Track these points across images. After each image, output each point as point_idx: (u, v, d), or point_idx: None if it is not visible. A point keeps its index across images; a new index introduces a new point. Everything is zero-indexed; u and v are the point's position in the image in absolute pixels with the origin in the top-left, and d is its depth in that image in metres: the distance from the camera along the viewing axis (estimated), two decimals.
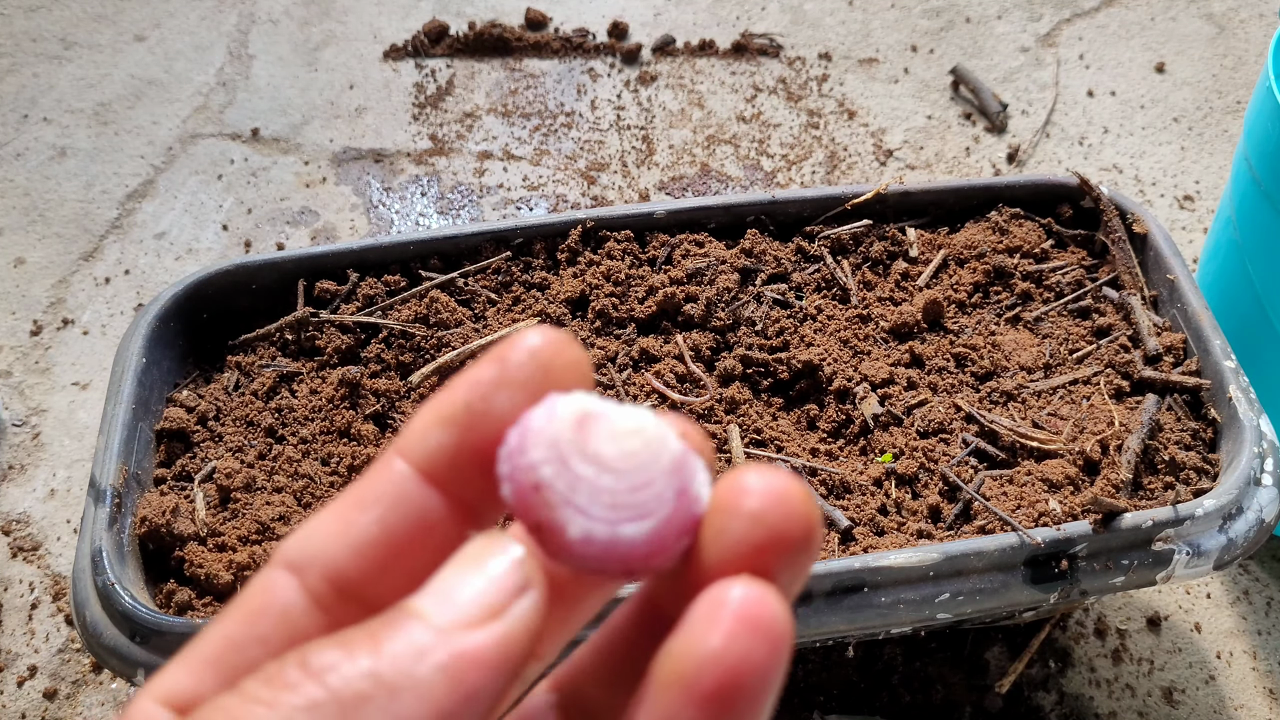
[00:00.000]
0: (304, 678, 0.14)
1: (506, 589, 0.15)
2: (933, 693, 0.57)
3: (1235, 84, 0.98)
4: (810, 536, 0.15)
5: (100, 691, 0.60)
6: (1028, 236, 0.61)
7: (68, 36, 1.09)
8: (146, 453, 0.51)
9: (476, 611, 0.15)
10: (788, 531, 0.15)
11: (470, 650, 0.14)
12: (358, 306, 0.59)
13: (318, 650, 0.14)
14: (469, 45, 1.07)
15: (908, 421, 0.53)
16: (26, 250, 0.87)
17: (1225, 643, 0.60)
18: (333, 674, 0.14)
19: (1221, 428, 0.51)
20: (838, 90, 1.01)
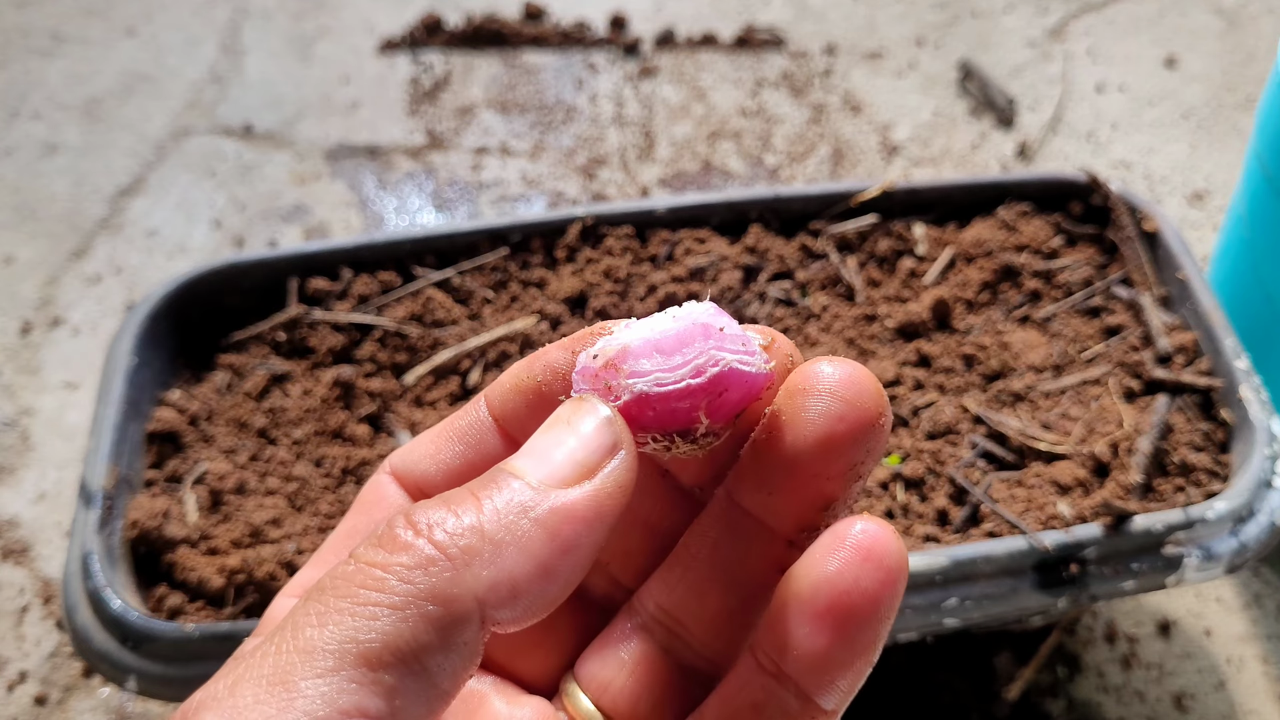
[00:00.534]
0: (413, 535, 0.14)
1: (598, 448, 0.16)
2: (940, 699, 0.56)
3: (1246, 79, 0.97)
4: (880, 414, 0.17)
5: (91, 697, 0.59)
6: (1037, 234, 0.60)
7: (58, 31, 1.07)
8: (137, 454, 0.50)
9: (571, 470, 0.16)
10: (861, 409, 0.17)
11: (567, 506, 0.16)
12: (351, 305, 0.57)
13: (424, 508, 0.15)
14: (465, 38, 1.05)
15: (915, 423, 0.52)
16: (16, 248, 0.86)
17: (1236, 648, 0.59)
18: (439, 529, 0.14)
19: (1233, 429, 0.50)
20: (842, 84, 0.99)
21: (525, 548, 0.15)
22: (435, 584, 0.14)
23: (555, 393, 0.19)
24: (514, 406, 0.19)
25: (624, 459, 0.17)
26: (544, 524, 0.15)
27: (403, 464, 0.20)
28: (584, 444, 0.16)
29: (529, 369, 0.19)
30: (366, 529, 0.20)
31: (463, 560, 0.15)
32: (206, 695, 0.14)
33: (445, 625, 0.14)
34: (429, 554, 0.15)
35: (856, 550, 0.16)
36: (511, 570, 0.15)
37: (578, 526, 0.16)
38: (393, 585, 0.14)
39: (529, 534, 0.15)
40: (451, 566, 0.14)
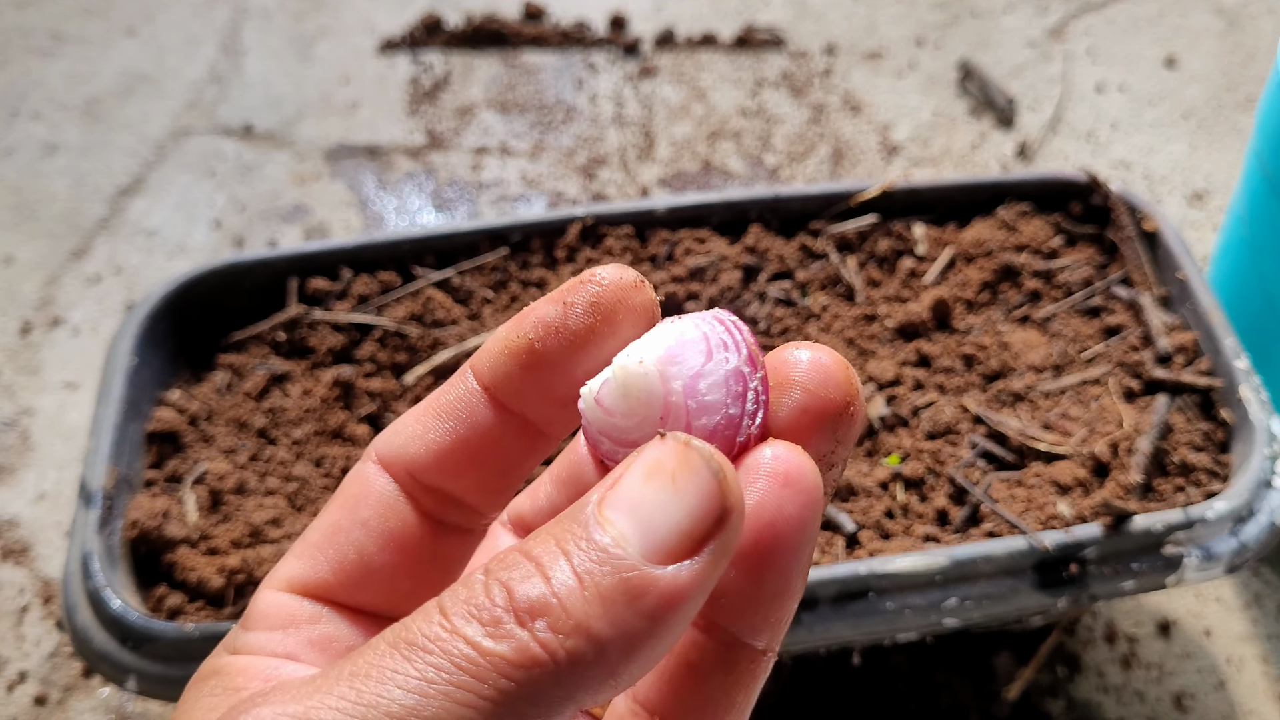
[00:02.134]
0: (516, 625, 0.14)
1: (708, 517, 0.15)
2: (940, 700, 0.56)
3: (1246, 79, 0.97)
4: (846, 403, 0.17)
5: (91, 697, 0.59)
6: (1037, 234, 0.60)
7: (58, 31, 1.07)
8: (137, 454, 0.50)
9: (678, 545, 0.15)
10: (826, 399, 0.17)
11: (673, 591, 0.14)
12: (351, 305, 0.57)
13: (518, 578, 0.14)
14: (465, 38, 1.05)
15: (915, 423, 0.52)
16: (16, 248, 0.86)
17: (1236, 648, 0.59)
18: (541, 623, 0.14)
19: (1233, 429, 0.50)
20: (843, 84, 0.99)
21: (629, 643, 0.14)
22: (535, 688, 0.14)
23: (550, 350, 0.18)
24: (506, 371, 0.18)
25: (735, 524, 0.15)
26: (649, 615, 0.14)
27: (388, 449, 0.19)
28: (691, 513, 0.15)
29: (519, 328, 0.18)
30: (351, 524, 0.19)
31: (568, 665, 0.14)
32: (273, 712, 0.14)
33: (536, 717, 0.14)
34: (534, 653, 0.14)
35: (773, 478, 0.15)
36: (612, 666, 0.14)
37: (681, 611, 0.15)
38: (492, 679, 0.14)
39: (633, 627, 0.14)
40: (556, 671, 0.14)
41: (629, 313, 0.18)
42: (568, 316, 0.18)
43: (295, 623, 0.19)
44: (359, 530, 0.19)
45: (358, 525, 0.19)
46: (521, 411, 0.19)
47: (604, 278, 0.18)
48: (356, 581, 0.19)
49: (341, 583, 0.19)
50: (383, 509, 0.19)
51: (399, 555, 0.19)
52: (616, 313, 0.18)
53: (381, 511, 0.19)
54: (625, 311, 0.18)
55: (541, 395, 0.18)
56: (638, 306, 0.18)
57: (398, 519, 0.19)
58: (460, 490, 0.19)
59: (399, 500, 0.19)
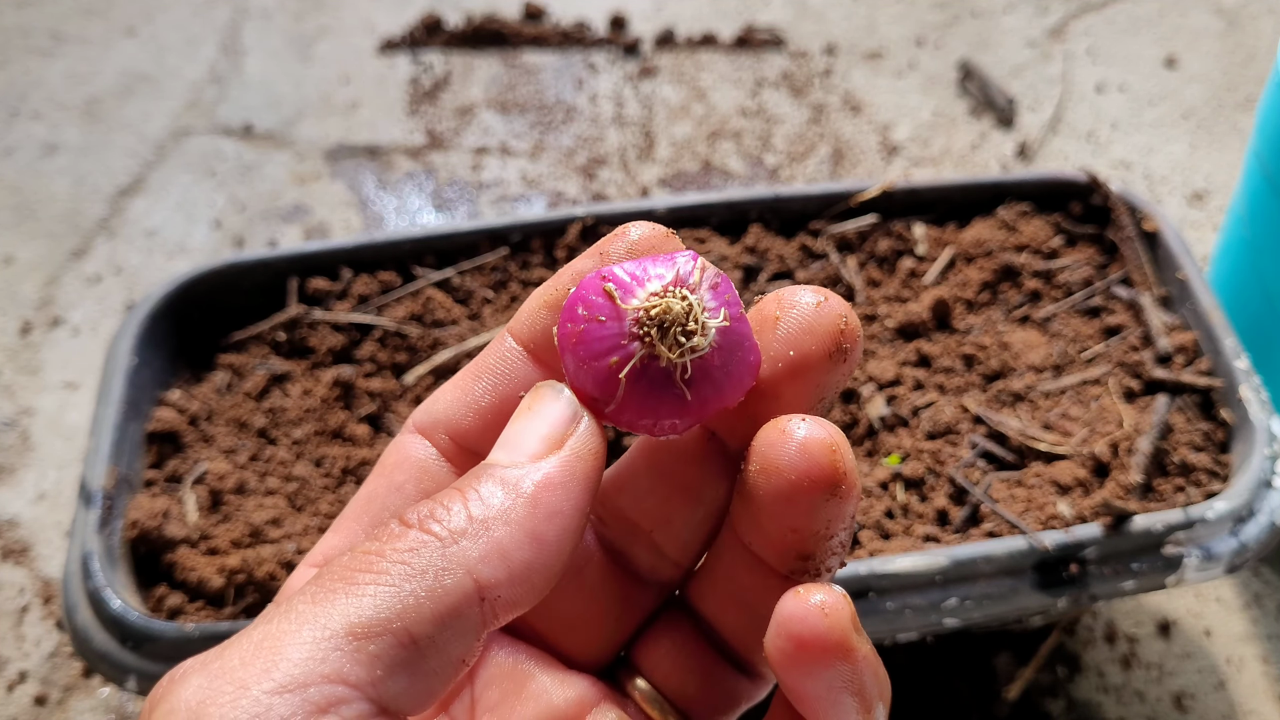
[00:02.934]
0: (403, 527, 0.16)
1: (560, 420, 0.17)
2: (940, 700, 0.56)
3: (1246, 79, 0.97)
4: (831, 486, 0.17)
5: (91, 698, 0.59)
6: (1037, 234, 0.60)
7: (58, 31, 1.07)
8: (137, 454, 0.50)
9: (540, 446, 0.17)
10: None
11: (541, 476, 0.16)
12: (351, 305, 0.57)
13: (414, 507, 0.16)
14: (465, 38, 1.05)
15: (915, 423, 0.52)
16: (16, 248, 0.86)
17: (1236, 648, 0.59)
18: (430, 520, 0.16)
19: (1233, 429, 0.50)
20: (842, 84, 0.99)
21: (509, 519, 0.16)
22: (426, 561, 0.15)
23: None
24: (544, 324, 0.19)
25: (586, 425, 0.17)
26: (523, 493, 0.16)
27: (427, 416, 0.20)
28: (547, 420, 0.17)
29: (557, 282, 0.19)
30: (386, 490, 0.20)
31: (451, 539, 0.15)
32: (195, 660, 0.15)
33: (438, 598, 0.15)
34: (421, 538, 0.15)
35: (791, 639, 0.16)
36: (500, 540, 0.15)
37: (555, 492, 0.16)
38: (384, 565, 0.15)
39: (510, 506, 0.16)
40: (441, 545, 0.15)
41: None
42: (605, 263, 0.19)
43: None
44: (394, 495, 0.20)
45: (393, 490, 0.20)
46: (559, 366, 0.19)
47: (636, 229, 0.19)
48: None
49: None
50: (419, 473, 0.20)
51: None
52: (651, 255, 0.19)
53: (417, 475, 0.20)
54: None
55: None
56: (670, 251, 0.19)
57: (432, 480, 0.20)
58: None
59: (436, 463, 0.20)
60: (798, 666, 0.16)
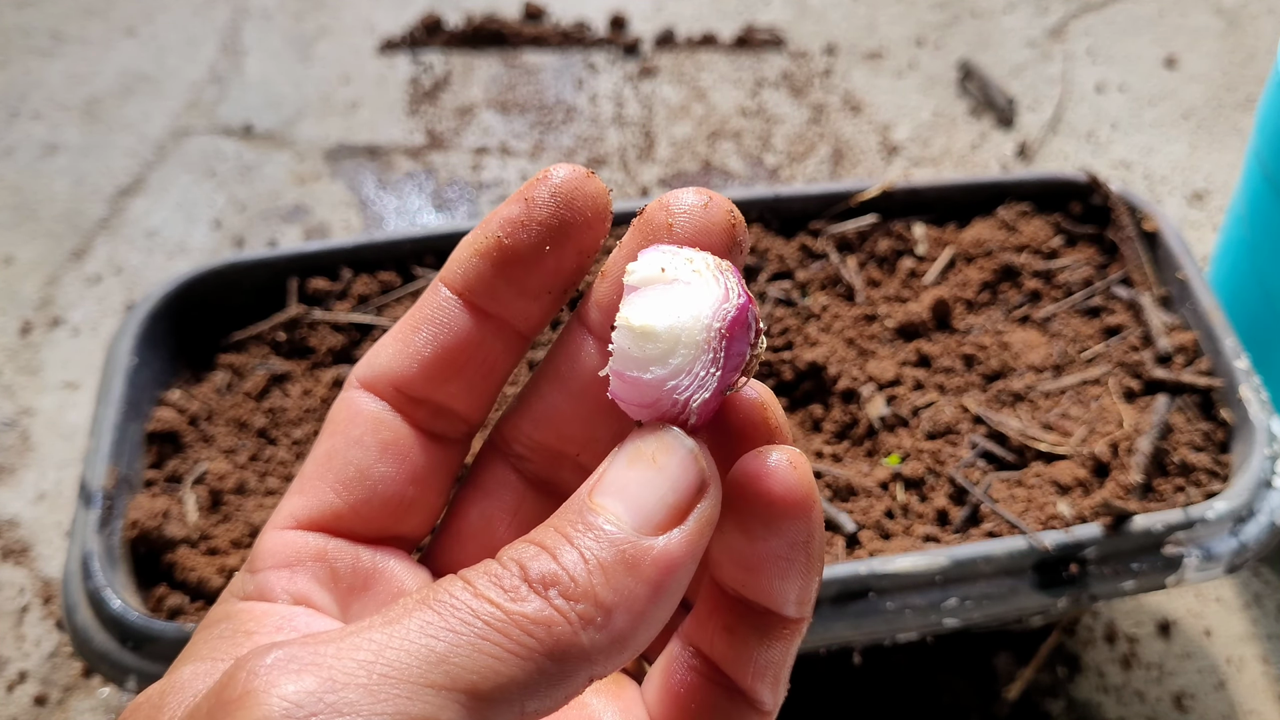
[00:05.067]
0: (529, 591, 0.15)
1: (689, 489, 0.17)
2: (940, 700, 0.56)
3: (1246, 79, 0.97)
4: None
5: (91, 698, 0.59)
6: (1037, 234, 0.60)
7: (58, 31, 1.07)
8: (137, 454, 0.50)
9: (664, 516, 0.16)
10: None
11: (666, 557, 0.16)
12: (351, 305, 0.57)
13: (529, 555, 0.16)
14: (465, 38, 1.05)
15: (915, 423, 0.52)
16: (16, 248, 0.86)
17: (1236, 648, 0.59)
18: (554, 590, 0.15)
19: (1233, 429, 0.50)
20: (843, 84, 0.99)
21: (632, 608, 0.16)
22: (555, 644, 0.15)
23: (520, 244, 0.19)
24: (479, 271, 0.19)
25: (713, 495, 0.17)
26: (648, 580, 0.16)
27: (370, 371, 0.20)
28: (674, 487, 0.17)
29: (485, 230, 0.19)
30: (345, 445, 0.20)
31: (580, 625, 0.15)
32: (308, 655, 0.14)
33: (556, 679, 0.15)
34: (550, 615, 0.15)
35: (761, 496, 0.17)
36: (620, 630, 0.16)
37: (676, 574, 0.16)
38: (516, 635, 0.15)
39: (635, 593, 0.16)
40: (570, 630, 0.15)
41: (586, 199, 0.19)
42: (531, 209, 0.19)
43: (301, 559, 0.19)
44: (354, 449, 0.20)
45: (352, 444, 0.20)
46: (496, 312, 0.20)
47: (557, 171, 0.19)
48: (360, 497, 0.20)
49: (347, 502, 0.20)
50: (374, 425, 0.20)
51: (397, 464, 0.20)
52: (575, 200, 0.19)
53: (373, 427, 0.20)
54: (582, 198, 0.19)
55: (515, 290, 0.19)
56: (592, 193, 0.19)
57: (389, 431, 0.20)
58: (446, 397, 0.20)
59: (388, 415, 0.20)
60: (765, 521, 0.17)
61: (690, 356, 0.17)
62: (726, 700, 0.19)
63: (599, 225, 0.19)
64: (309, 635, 0.15)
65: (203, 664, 0.17)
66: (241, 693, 0.14)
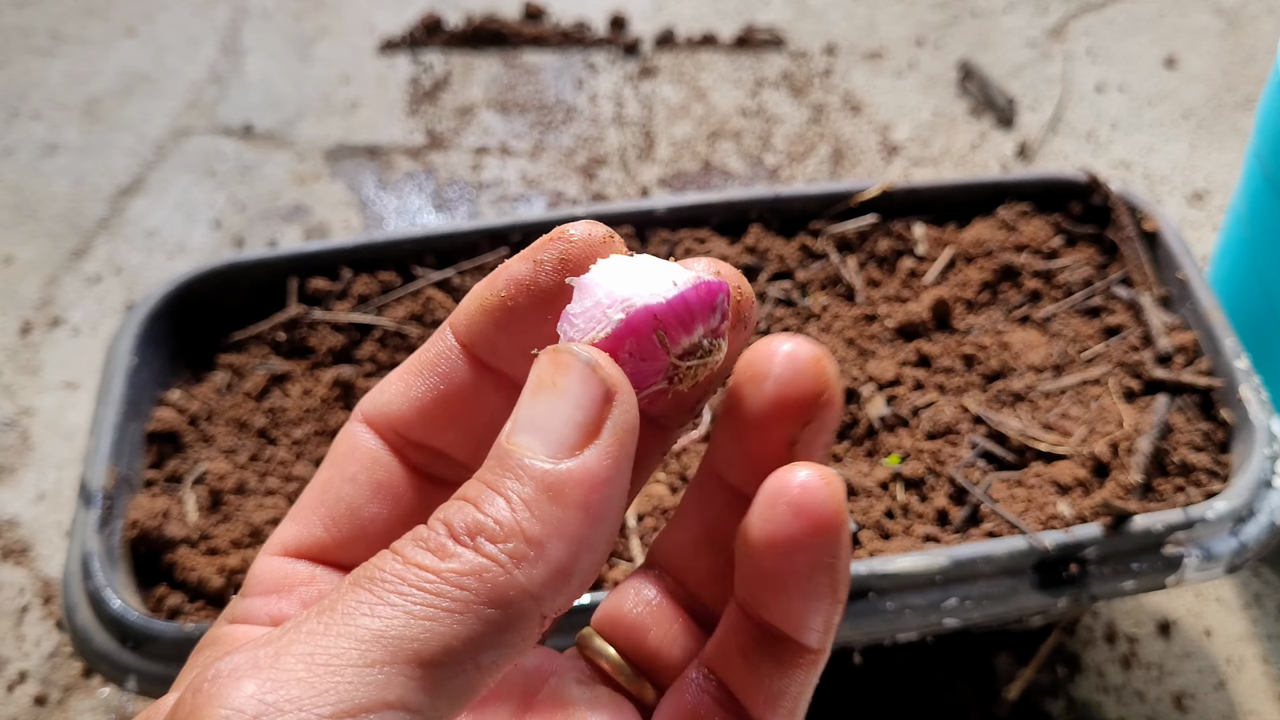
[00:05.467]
0: (455, 545, 0.15)
1: (593, 401, 0.16)
2: (940, 700, 0.56)
3: (1246, 79, 0.97)
4: (818, 392, 0.18)
5: (91, 698, 0.59)
6: (1037, 234, 0.60)
7: (58, 31, 1.07)
8: (137, 454, 0.50)
9: (576, 435, 0.16)
10: (808, 392, 0.18)
11: (587, 475, 0.15)
12: (351, 305, 0.57)
13: (452, 511, 0.15)
14: (465, 38, 1.05)
15: (915, 423, 0.52)
16: (15, 248, 0.86)
17: (1236, 648, 0.59)
18: (482, 538, 0.15)
19: (1233, 429, 0.50)
20: (842, 84, 0.99)
21: (564, 533, 0.15)
22: (491, 590, 0.15)
23: (521, 306, 0.19)
24: (481, 328, 0.19)
25: (622, 401, 0.16)
26: (575, 504, 0.15)
27: (373, 408, 0.20)
28: (579, 404, 0.16)
29: (491, 286, 0.19)
30: (340, 481, 0.20)
31: (512, 564, 0.15)
32: (246, 660, 0.14)
33: (504, 626, 0.15)
34: (479, 562, 0.15)
35: (789, 507, 0.17)
36: (559, 560, 0.15)
37: (602, 490, 0.15)
38: (448, 591, 0.14)
39: (565, 519, 0.15)
40: (503, 572, 0.15)
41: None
42: (538, 273, 0.18)
43: (289, 585, 0.19)
44: (348, 485, 0.20)
45: (346, 480, 0.20)
46: (498, 366, 0.19)
47: (574, 234, 0.18)
48: (348, 534, 0.20)
49: (334, 538, 0.20)
50: (369, 463, 0.20)
51: (388, 506, 0.20)
52: (586, 268, 0.18)
53: (369, 466, 0.20)
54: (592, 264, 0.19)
55: (516, 350, 0.19)
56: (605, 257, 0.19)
57: (384, 472, 0.20)
58: (444, 444, 0.20)
59: (385, 455, 0.20)
60: (790, 538, 0.16)
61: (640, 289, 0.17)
62: None
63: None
64: (253, 640, 0.15)
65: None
66: (190, 710, 0.14)
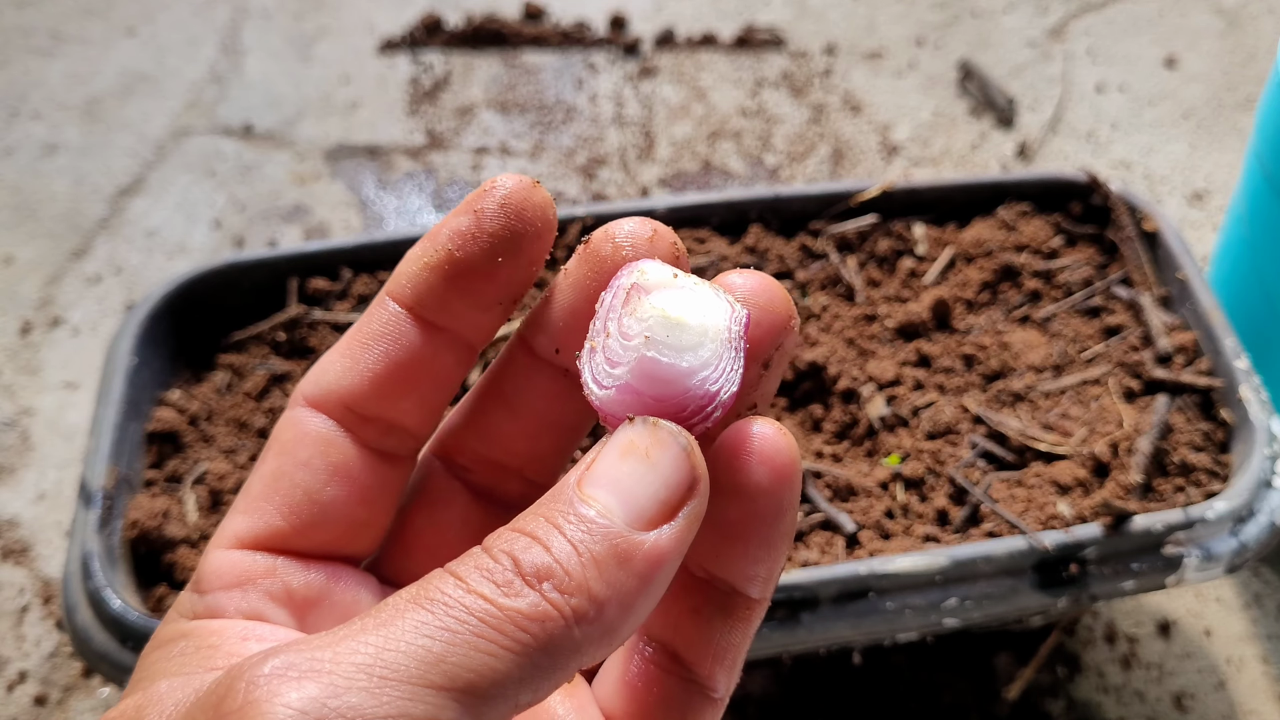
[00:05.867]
0: (523, 585, 0.15)
1: (680, 485, 0.17)
2: (940, 700, 0.56)
3: (1246, 79, 0.97)
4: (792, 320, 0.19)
5: (91, 698, 0.59)
6: (1037, 234, 0.60)
7: (58, 31, 1.07)
8: (137, 454, 0.50)
9: (656, 511, 0.17)
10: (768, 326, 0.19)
11: (657, 552, 0.16)
12: (351, 305, 0.57)
13: (521, 549, 0.16)
14: (465, 38, 1.05)
15: (915, 423, 0.52)
16: (16, 248, 0.86)
17: (1236, 648, 0.59)
18: (548, 584, 0.15)
19: (1233, 429, 0.50)
20: (843, 84, 0.99)
21: (623, 600, 0.16)
22: (549, 640, 0.15)
23: (471, 255, 0.19)
24: (429, 284, 0.19)
25: (702, 491, 0.17)
26: (639, 574, 0.16)
27: (318, 389, 0.20)
28: (667, 483, 0.17)
29: (434, 242, 0.19)
30: (293, 467, 0.19)
31: (574, 619, 0.15)
32: (304, 661, 0.14)
33: (548, 671, 0.15)
34: (545, 610, 0.15)
35: (759, 456, 0.18)
36: (611, 622, 0.16)
37: (664, 568, 0.16)
38: (510, 631, 0.15)
39: (626, 586, 0.16)
40: (564, 624, 0.15)
41: (535, 209, 0.19)
42: (481, 221, 0.19)
43: (251, 578, 0.19)
44: (301, 471, 0.19)
45: (299, 466, 0.19)
46: (447, 325, 0.20)
47: (505, 181, 0.19)
48: (309, 521, 0.20)
49: (294, 526, 0.19)
50: (322, 445, 0.20)
51: (346, 487, 0.20)
52: (524, 210, 0.19)
53: (322, 449, 0.20)
54: (531, 209, 0.19)
55: (467, 303, 0.19)
56: (540, 203, 0.19)
57: (338, 452, 0.20)
58: (398, 414, 0.20)
59: (337, 434, 0.20)
60: (756, 484, 0.17)
61: (717, 350, 0.18)
62: (681, 689, 0.19)
63: (547, 235, 0.19)
64: (300, 640, 0.15)
65: (177, 679, 0.17)
66: (244, 702, 0.14)
